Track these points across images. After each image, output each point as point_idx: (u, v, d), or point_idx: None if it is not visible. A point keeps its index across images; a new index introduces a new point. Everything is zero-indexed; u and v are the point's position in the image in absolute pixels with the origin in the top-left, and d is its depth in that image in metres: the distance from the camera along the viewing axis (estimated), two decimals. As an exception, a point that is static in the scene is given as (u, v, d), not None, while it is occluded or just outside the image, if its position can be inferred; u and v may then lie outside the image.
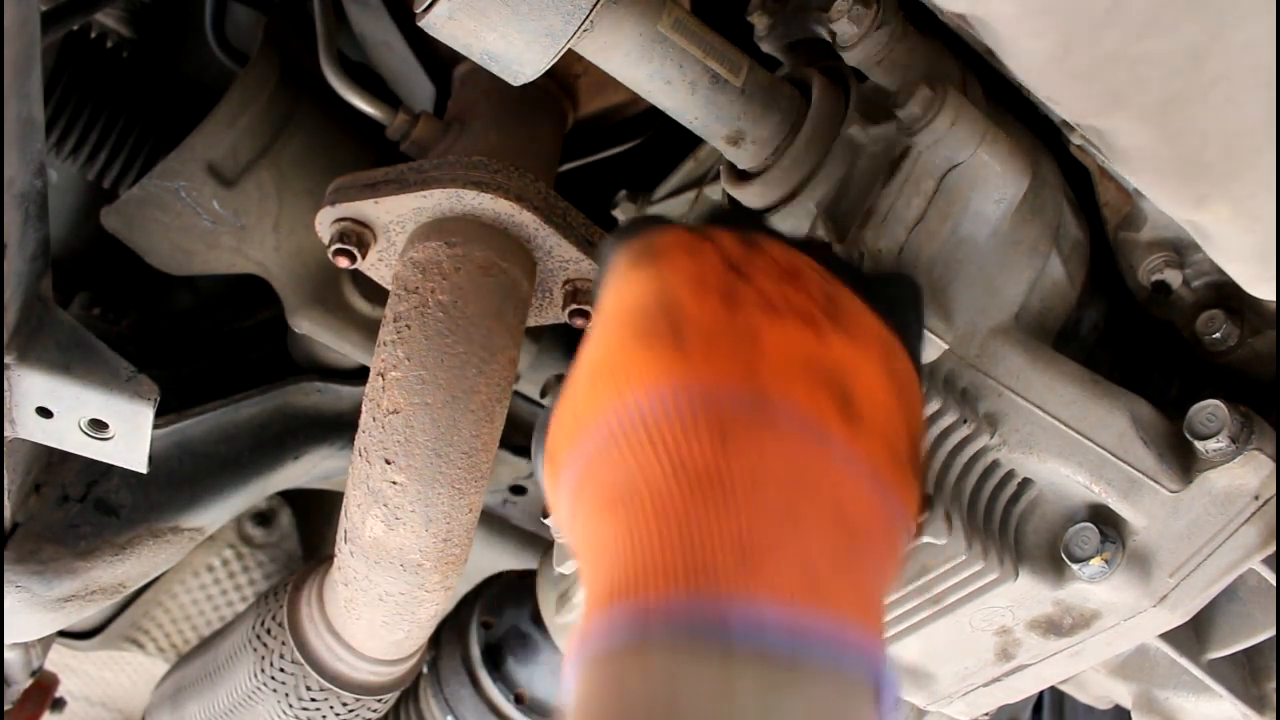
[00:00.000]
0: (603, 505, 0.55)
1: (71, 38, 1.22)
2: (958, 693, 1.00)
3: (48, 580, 1.04)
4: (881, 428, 0.58)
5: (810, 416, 0.55)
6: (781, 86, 0.90)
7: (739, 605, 0.48)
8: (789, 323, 0.57)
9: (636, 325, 0.57)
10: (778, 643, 0.48)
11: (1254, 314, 0.90)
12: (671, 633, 0.48)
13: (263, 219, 1.14)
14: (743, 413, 0.54)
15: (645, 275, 0.59)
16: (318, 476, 1.30)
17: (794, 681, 0.47)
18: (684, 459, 0.53)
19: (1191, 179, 0.69)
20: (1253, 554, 0.85)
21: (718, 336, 0.56)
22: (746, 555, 0.50)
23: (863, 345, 0.59)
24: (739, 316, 0.57)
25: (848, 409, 0.56)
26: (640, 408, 0.54)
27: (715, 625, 0.48)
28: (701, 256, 0.60)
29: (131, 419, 0.87)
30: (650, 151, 1.22)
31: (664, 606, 0.49)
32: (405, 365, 0.84)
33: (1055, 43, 0.62)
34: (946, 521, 0.84)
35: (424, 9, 0.76)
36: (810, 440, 0.54)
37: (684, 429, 0.53)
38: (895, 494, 0.57)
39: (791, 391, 0.55)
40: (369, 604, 0.90)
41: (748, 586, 0.49)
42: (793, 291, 0.59)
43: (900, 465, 0.59)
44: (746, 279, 0.58)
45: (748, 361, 0.55)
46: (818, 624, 0.49)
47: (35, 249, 0.83)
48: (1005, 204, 0.82)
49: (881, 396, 0.59)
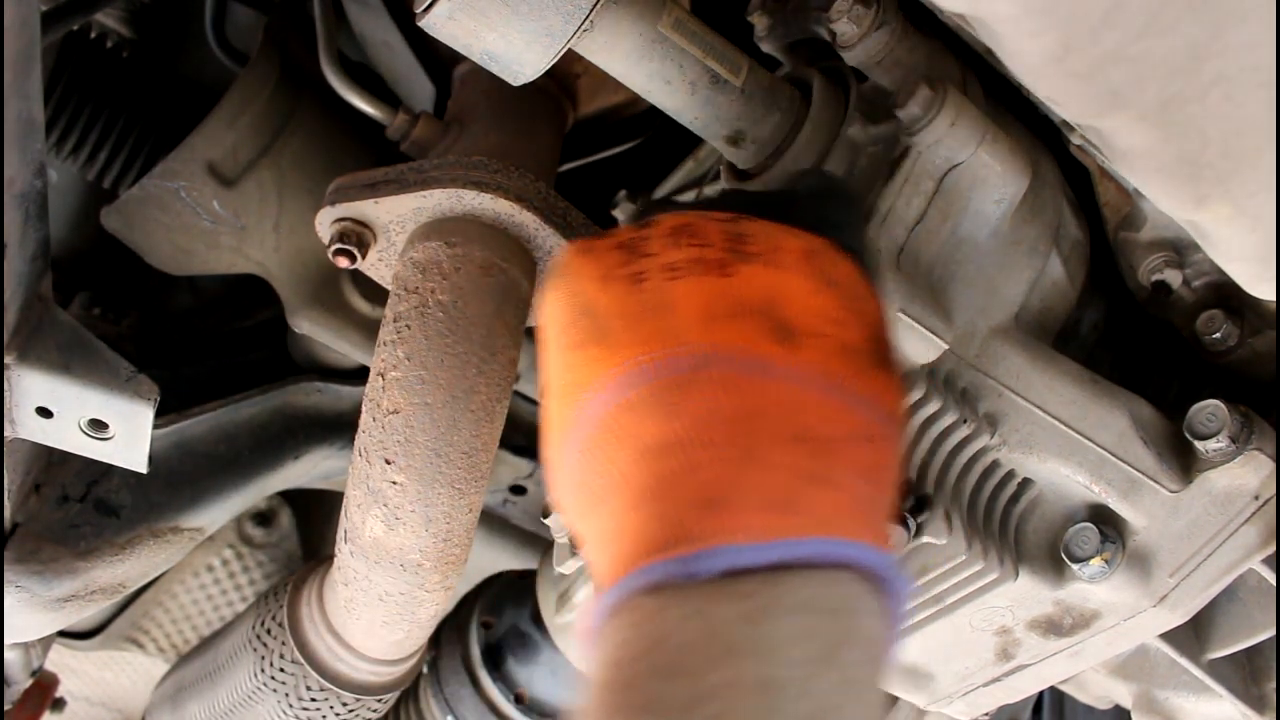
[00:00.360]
0: (592, 504, 0.58)
1: (71, 38, 1.22)
2: (958, 693, 1.00)
3: (48, 580, 1.04)
4: (827, 334, 0.59)
5: (741, 353, 0.57)
6: (781, 86, 0.90)
7: (710, 549, 0.50)
8: (695, 278, 0.59)
9: (566, 337, 0.61)
10: (754, 566, 0.50)
11: (1254, 314, 0.90)
12: (651, 590, 0.50)
13: (263, 219, 1.14)
14: (678, 374, 0.56)
15: (557, 291, 0.63)
16: (318, 476, 1.30)
17: (778, 600, 0.49)
18: (641, 438, 0.56)
19: (1191, 179, 0.69)
20: (1253, 554, 0.85)
21: (634, 317, 0.59)
22: (711, 503, 0.52)
23: (784, 266, 0.60)
24: (646, 291, 0.59)
25: (781, 330, 0.58)
26: (594, 409, 0.58)
27: (692, 572, 0.50)
28: (597, 253, 0.63)
29: (131, 419, 0.87)
30: (650, 151, 1.22)
31: (644, 573, 0.51)
32: (405, 365, 0.84)
33: (1055, 43, 0.62)
34: (946, 521, 0.84)
35: (424, 9, 0.76)
36: (747, 373, 0.56)
37: (632, 412, 0.57)
38: (859, 388, 0.59)
39: (715, 337, 0.57)
40: (369, 604, 0.90)
41: (716, 531, 0.51)
42: (690, 248, 0.60)
43: (859, 359, 0.60)
44: (644, 255, 0.61)
45: (667, 328, 0.58)
46: (797, 544, 0.51)
47: (35, 249, 0.83)
48: (1005, 204, 0.82)
49: (819, 304, 0.60)
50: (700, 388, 0.56)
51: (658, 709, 0.47)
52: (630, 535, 0.54)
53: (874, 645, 0.52)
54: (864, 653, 0.51)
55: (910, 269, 0.81)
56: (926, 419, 0.83)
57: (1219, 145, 0.66)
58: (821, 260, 0.62)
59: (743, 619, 0.49)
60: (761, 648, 0.48)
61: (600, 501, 0.57)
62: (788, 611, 0.49)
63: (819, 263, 0.62)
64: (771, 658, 0.48)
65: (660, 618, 0.50)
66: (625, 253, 0.62)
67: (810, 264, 0.62)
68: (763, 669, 0.47)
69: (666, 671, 0.48)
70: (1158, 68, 0.62)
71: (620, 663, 0.50)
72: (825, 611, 0.50)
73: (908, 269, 0.80)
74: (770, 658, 0.48)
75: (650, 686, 0.48)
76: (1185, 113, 0.64)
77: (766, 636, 0.48)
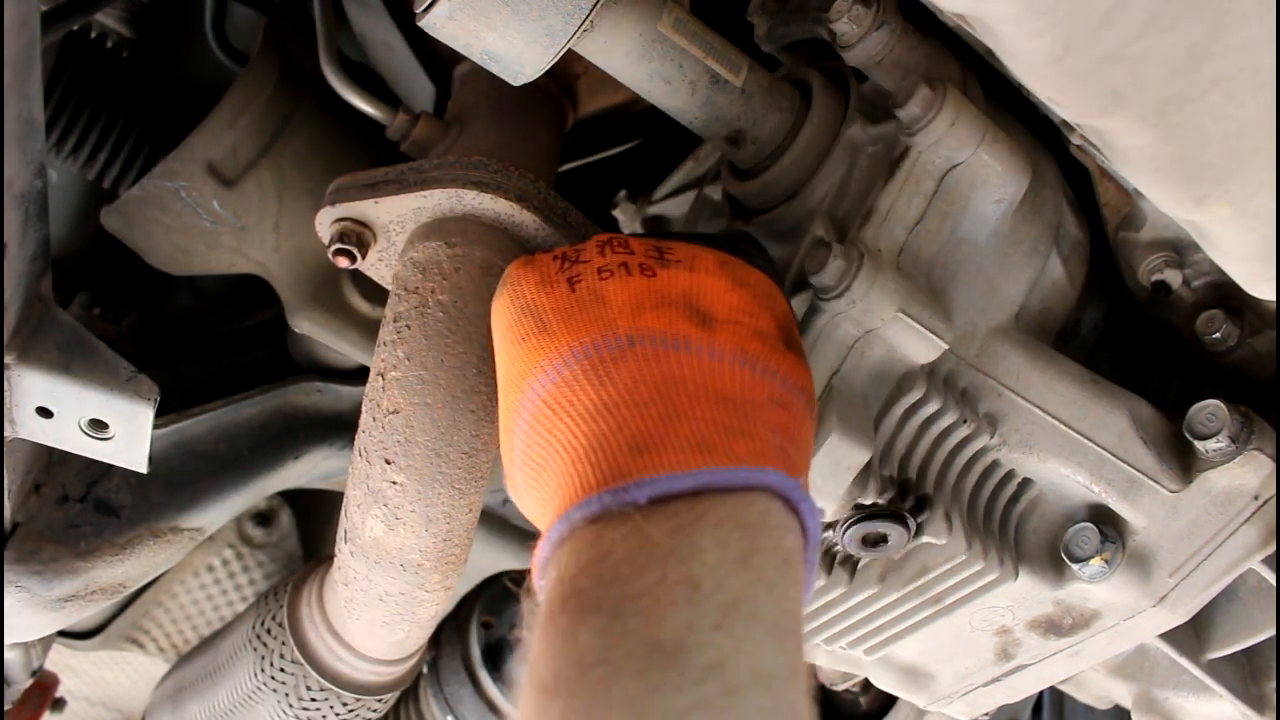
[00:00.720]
0: (537, 473, 0.66)
1: (71, 38, 1.22)
2: (958, 692, 1.00)
3: (48, 580, 1.04)
4: (741, 321, 0.69)
5: (664, 333, 0.66)
6: (781, 86, 0.90)
7: (639, 481, 0.58)
8: (623, 277, 0.70)
9: (511, 335, 0.71)
10: (680, 492, 0.58)
11: (1254, 314, 0.90)
12: (591, 520, 0.59)
13: (263, 219, 1.14)
14: (608, 352, 0.66)
15: (502, 296, 0.74)
16: (318, 476, 1.30)
17: (700, 517, 0.57)
18: (577, 407, 0.64)
19: (1191, 179, 0.69)
20: (1252, 554, 0.85)
21: (570, 311, 0.69)
22: (640, 448, 0.60)
23: (701, 270, 0.71)
24: (582, 290, 0.70)
25: (700, 316, 0.68)
26: (537, 390, 0.67)
27: (625, 499, 0.58)
28: (538, 262, 0.73)
29: (132, 419, 0.87)
30: (650, 151, 1.22)
31: (584, 505, 0.59)
32: (405, 365, 0.84)
33: (1055, 43, 0.62)
34: (946, 521, 0.84)
35: (424, 9, 0.76)
36: (670, 350, 0.66)
37: (569, 387, 0.65)
38: (772, 364, 0.68)
39: (641, 321, 0.67)
40: (369, 604, 0.90)
41: (645, 467, 0.59)
42: (622, 254, 0.71)
43: (771, 342, 0.69)
44: (581, 262, 0.71)
45: (600, 316, 0.68)
46: (716, 472, 0.59)
47: (35, 249, 0.83)
48: (1005, 204, 0.82)
49: (733, 299, 0.70)
50: (628, 361, 0.65)
51: (598, 609, 0.55)
52: (570, 483, 0.61)
53: (787, 554, 0.59)
54: (777, 558, 0.58)
55: (910, 269, 0.81)
56: (926, 419, 0.83)
57: (1219, 145, 0.66)
58: (734, 267, 0.73)
59: (668, 534, 0.56)
60: (684, 554, 0.56)
61: (543, 468, 0.65)
62: (708, 525, 0.57)
63: (732, 268, 0.72)
64: (693, 560, 0.55)
65: (600, 540, 0.58)
66: (561, 262, 0.72)
67: (724, 269, 0.72)
68: (685, 568, 0.55)
69: (607, 580, 0.56)
70: (1158, 68, 0.62)
71: (564, 579, 0.57)
72: (741, 525, 0.58)
73: (908, 269, 0.80)
74: (692, 561, 0.55)
75: (592, 592, 0.56)
76: (1185, 113, 0.64)
77: (689, 544, 0.56)
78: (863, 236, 0.79)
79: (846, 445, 0.77)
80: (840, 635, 0.96)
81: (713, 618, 0.54)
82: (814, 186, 0.88)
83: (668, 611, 0.54)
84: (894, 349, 0.80)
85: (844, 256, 0.77)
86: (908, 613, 0.92)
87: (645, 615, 0.54)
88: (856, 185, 0.85)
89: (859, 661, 1.01)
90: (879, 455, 0.83)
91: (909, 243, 0.80)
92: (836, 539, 0.84)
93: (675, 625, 0.54)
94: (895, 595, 0.90)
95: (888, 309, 0.77)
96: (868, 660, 1.00)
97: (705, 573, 0.55)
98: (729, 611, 0.54)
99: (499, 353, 0.73)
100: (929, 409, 0.83)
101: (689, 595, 0.54)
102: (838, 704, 1.41)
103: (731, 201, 0.98)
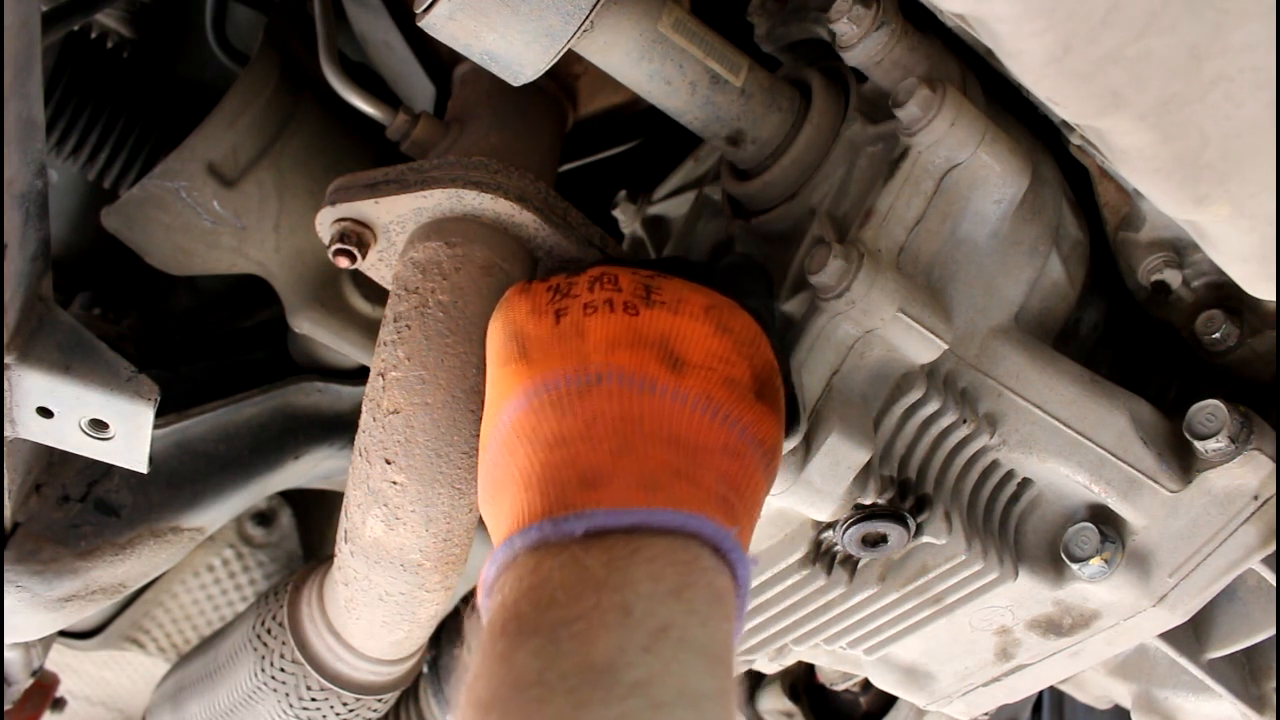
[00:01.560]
0: (495, 493, 0.69)
1: (72, 38, 1.22)
2: (957, 692, 1.00)
3: (48, 580, 1.04)
4: (714, 368, 0.71)
5: (633, 373, 0.68)
6: (781, 86, 0.90)
7: (580, 513, 0.61)
8: (606, 314, 0.72)
9: (499, 356, 0.75)
10: (616, 528, 0.60)
11: (1253, 314, 0.90)
12: (532, 548, 0.61)
13: (263, 219, 1.14)
14: (576, 386, 0.68)
15: (497, 319, 0.77)
16: (318, 476, 1.30)
17: (634, 552, 0.60)
18: (538, 436, 0.67)
19: (1191, 179, 0.69)
20: (1252, 554, 0.85)
21: (551, 342, 0.71)
22: (587, 481, 0.63)
23: (685, 314, 0.72)
24: (565, 323, 0.72)
25: (672, 360, 0.70)
26: (508, 414, 0.70)
27: (564, 531, 0.61)
28: (531, 292, 0.76)
29: (132, 419, 0.87)
30: (650, 151, 1.22)
31: (525, 533, 0.62)
32: (405, 365, 0.84)
33: (1055, 43, 0.62)
34: (946, 521, 0.84)
35: (424, 9, 0.76)
36: (635, 390, 0.68)
37: (536, 415, 0.68)
38: (735, 412, 0.69)
39: (614, 360, 0.69)
40: (369, 604, 0.90)
41: (588, 501, 0.62)
42: (610, 291, 0.73)
43: (740, 391, 0.71)
44: (570, 296, 0.74)
45: (576, 350, 0.70)
46: (654, 512, 0.61)
47: (36, 249, 0.83)
48: (1005, 204, 0.82)
49: (711, 345, 0.71)
50: (592, 397, 0.68)
51: (536, 631, 0.57)
52: (518, 509, 0.64)
53: (719, 592, 0.61)
54: (709, 593, 0.60)
55: (910, 269, 0.81)
56: (926, 419, 0.83)
57: (1219, 145, 0.66)
58: (720, 313, 0.73)
59: (604, 564, 0.59)
60: (618, 583, 0.58)
61: (501, 489, 0.68)
62: (642, 560, 0.60)
63: (716, 314, 0.73)
64: (626, 590, 0.58)
65: (539, 567, 0.60)
66: (553, 293, 0.74)
67: (709, 315, 0.73)
68: (618, 596, 0.58)
69: (544, 604, 0.58)
70: (1158, 68, 0.62)
71: (506, 604, 0.60)
72: (674, 562, 0.60)
73: (908, 269, 0.80)
74: (625, 589, 0.58)
75: (531, 617, 0.58)
76: (1185, 113, 0.64)
77: (622, 575, 0.59)
78: (863, 236, 0.79)
79: (846, 445, 0.78)
80: (840, 635, 0.96)
81: (643, 640, 0.57)
82: (814, 186, 0.88)
83: (600, 634, 0.56)
84: (894, 349, 0.80)
85: (844, 256, 0.77)
86: (908, 613, 0.92)
87: (579, 638, 0.56)
88: (856, 185, 0.85)
89: (859, 661, 1.01)
90: (879, 455, 0.83)
91: (909, 243, 0.80)
92: (836, 539, 0.84)
93: (607, 647, 0.56)
94: (895, 595, 0.90)
95: (888, 309, 0.77)
96: (868, 660, 1.00)
97: (638, 601, 0.58)
98: (659, 636, 0.57)
99: (488, 372, 0.77)
100: (929, 409, 0.83)
101: (621, 620, 0.57)
102: (838, 704, 1.41)
103: (731, 201, 0.98)
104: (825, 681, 1.29)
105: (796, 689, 1.40)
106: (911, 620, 0.93)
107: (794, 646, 0.99)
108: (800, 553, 0.88)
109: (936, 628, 0.93)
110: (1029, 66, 0.66)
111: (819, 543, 0.89)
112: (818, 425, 0.78)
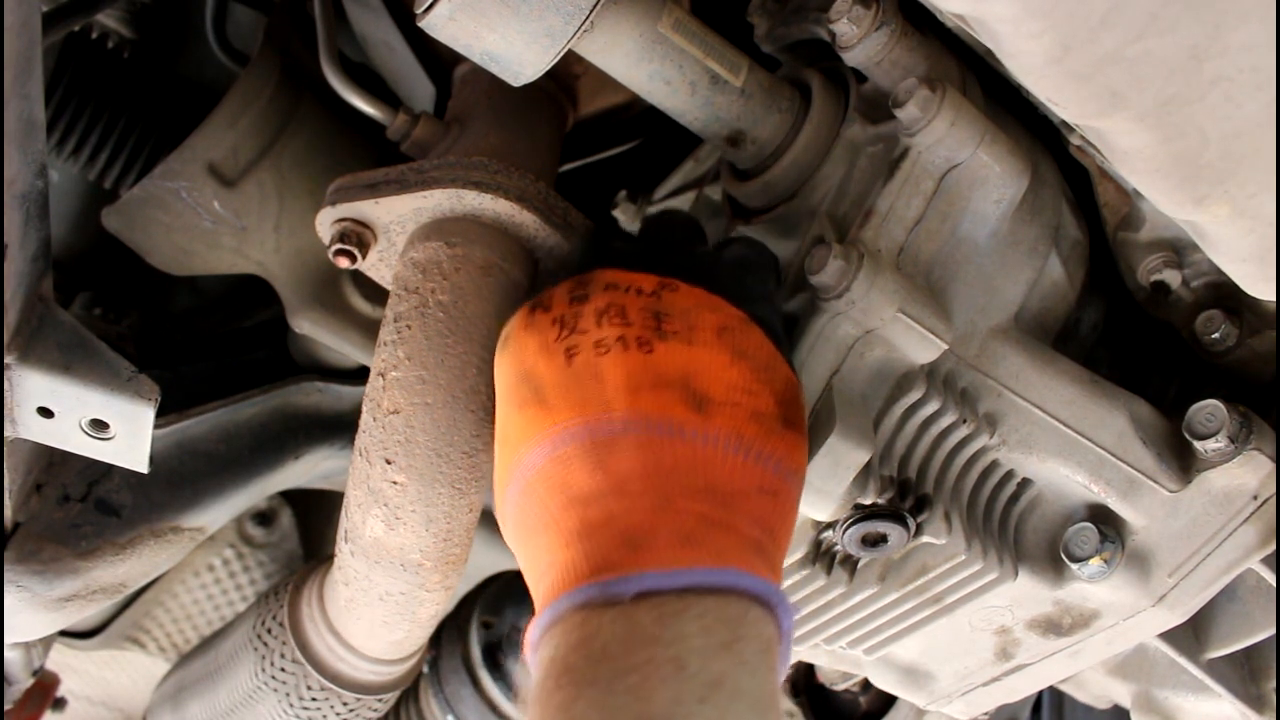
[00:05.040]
0: (527, 536, 0.70)
1: (72, 38, 1.22)
2: (957, 692, 1.00)
3: (49, 580, 1.04)
4: (739, 402, 0.70)
5: (658, 419, 0.67)
6: (781, 87, 0.90)
7: (627, 576, 0.62)
8: (620, 352, 0.70)
9: (511, 398, 0.73)
10: (665, 589, 0.61)
11: (1253, 314, 0.90)
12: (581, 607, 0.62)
13: (263, 219, 1.14)
14: (603, 436, 0.67)
15: (504, 356, 0.75)
16: (318, 476, 1.30)
17: (685, 608, 0.61)
18: (570, 490, 0.67)
19: (1191, 179, 0.69)
20: (1252, 554, 0.85)
21: (569, 386, 0.69)
22: (630, 542, 0.64)
23: (699, 343, 0.71)
24: (578, 364, 0.70)
25: (696, 399, 0.69)
26: (532, 460, 0.69)
27: (613, 593, 0.62)
28: (537, 327, 0.73)
29: (132, 419, 0.87)
30: (650, 151, 1.22)
31: (574, 594, 0.63)
32: (405, 365, 0.84)
33: (1055, 43, 0.62)
34: (946, 521, 0.84)
35: (424, 9, 0.76)
36: (663, 436, 0.67)
37: (564, 465, 0.68)
38: (766, 449, 0.69)
39: (637, 405, 0.68)
40: (369, 604, 0.90)
41: (634, 563, 0.63)
42: (618, 327, 0.71)
43: (768, 423, 0.70)
44: (579, 331, 0.71)
45: (597, 396, 0.68)
46: (705, 572, 0.63)
47: (36, 249, 0.83)
48: (1004, 204, 0.82)
49: (731, 376, 0.70)
50: (622, 449, 0.67)
51: (592, 682, 0.59)
52: (562, 568, 0.65)
53: (766, 642, 0.63)
54: (757, 646, 0.62)
55: (910, 269, 0.81)
56: (926, 419, 0.83)
57: (1218, 145, 0.66)
58: (733, 335, 0.72)
59: (655, 621, 0.60)
60: (670, 639, 0.60)
61: (534, 534, 0.69)
62: (693, 616, 0.61)
63: (730, 338, 0.71)
64: (679, 644, 0.59)
65: (588, 621, 0.61)
66: (560, 327, 0.72)
67: (722, 339, 0.71)
68: (671, 650, 0.59)
69: (597, 657, 0.60)
70: (1157, 68, 0.62)
71: (556, 658, 0.61)
72: (723, 619, 0.62)
73: (908, 269, 0.80)
74: (678, 644, 0.59)
75: (584, 669, 0.60)
76: (1185, 113, 0.64)
77: (675, 631, 0.60)
78: (862, 236, 0.79)
79: (846, 445, 0.78)
80: (840, 635, 0.96)
81: (698, 693, 0.58)
82: (814, 186, 0.88)
83: (656, 687, 0.58)
84: (894, 349, 0.80)
85: (844, 256, 0.77)
86: (907, 612, 0.92)
87: (635, 691, 0.58)
88: (856, 185, 0.85)
89: (859, 661, 1.01)
90: (879, 455, 0.83)
91: (909, 243, 0.81)
92: (836, 539, 0.84)
93: (663, 699, 0.58)
94: (895, 595, 0.90)
95: (887, 309, 0.77)
96: (868, 660, 1.00)
97: (691, 655, 0.59)
98: (714, 688, 0.58)
99: (499, 407, 0.76)
100: (929, 409, 0.83)
101: (675, 673, 0.58)
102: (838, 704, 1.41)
103: (731, 202, 0.98)
104: (825, 681, 1.29)
105: (796, 688, 1.40)
106: (911, 620, 0.93)
107: (794, 646, 0.99)
108: (800, 553, 0.89)
109: (936, 627, 0.93)
110: (1029, 67, 0.66)
111: (819, 543, 0.89)
112: (817, 425, 0.78)
